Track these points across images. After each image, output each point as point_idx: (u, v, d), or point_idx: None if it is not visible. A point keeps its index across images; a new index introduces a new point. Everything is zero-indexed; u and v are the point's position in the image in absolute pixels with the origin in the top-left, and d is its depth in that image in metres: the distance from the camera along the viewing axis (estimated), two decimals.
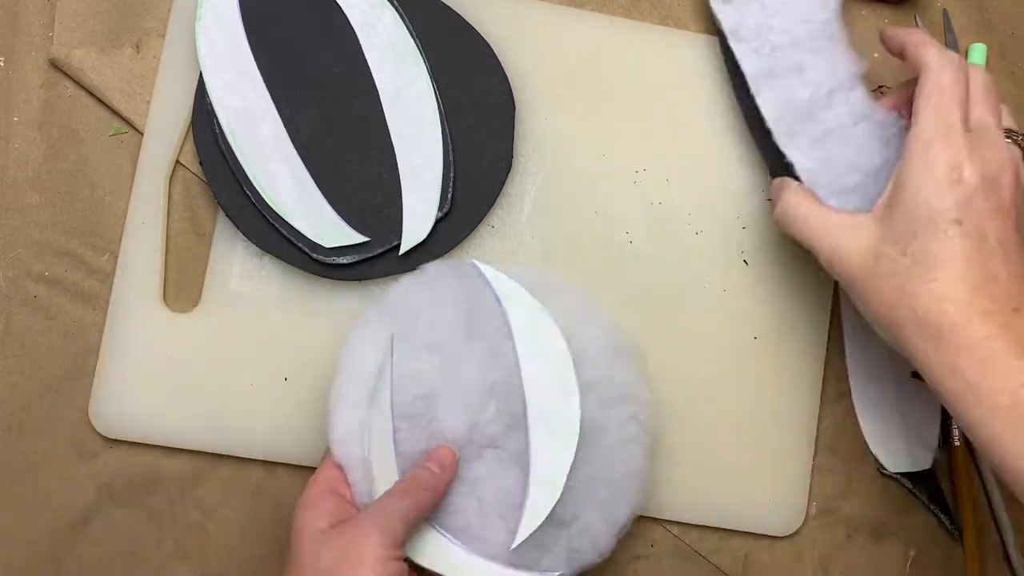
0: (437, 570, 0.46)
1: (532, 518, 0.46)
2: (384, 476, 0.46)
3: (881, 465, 0.53)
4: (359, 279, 0.51)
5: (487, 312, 0.48)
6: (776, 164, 0.50)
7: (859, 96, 0.49)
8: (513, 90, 0.52)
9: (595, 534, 0.47)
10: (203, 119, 0.51)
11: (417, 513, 0.43)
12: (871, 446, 0.53)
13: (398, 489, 0.44)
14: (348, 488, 0.45)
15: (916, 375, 0.53)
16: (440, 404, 0.47)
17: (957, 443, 0.53)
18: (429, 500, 0.44)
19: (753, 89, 0.50)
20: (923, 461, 0.53)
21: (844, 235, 0.44)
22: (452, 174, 0.51)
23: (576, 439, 0.47)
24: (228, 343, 0.51)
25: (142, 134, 0.52)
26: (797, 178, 0.48)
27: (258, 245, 0.50)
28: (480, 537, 0.46)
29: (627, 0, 0.54)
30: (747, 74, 0.50)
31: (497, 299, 0.48)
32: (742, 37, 0.51)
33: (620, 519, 0.48)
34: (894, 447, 0.53)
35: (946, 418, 0.54)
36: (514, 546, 0.46)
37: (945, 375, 0.40)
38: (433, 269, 0.49)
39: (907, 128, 0.44)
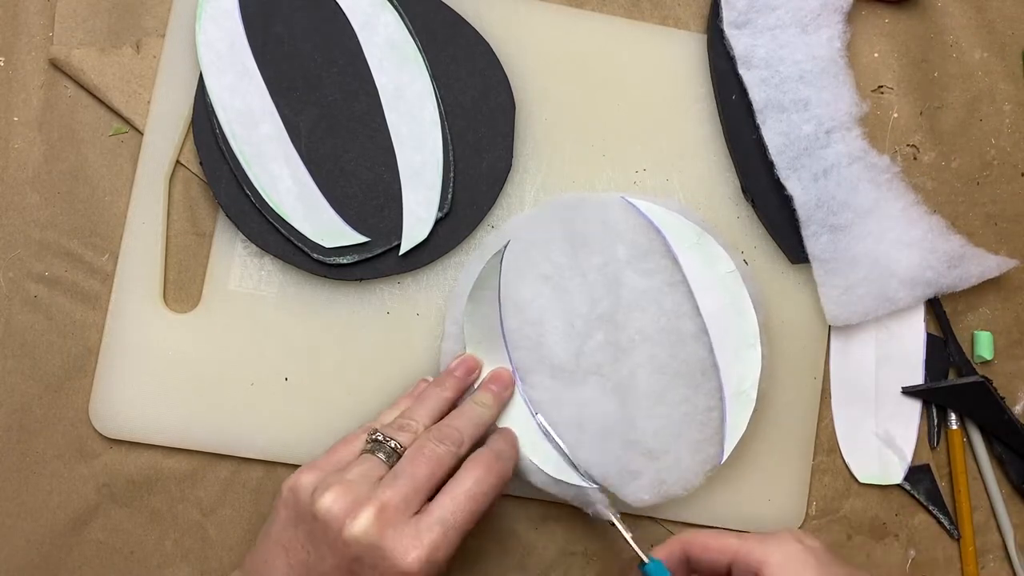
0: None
1: (733, 431, 0.50)
2: None
3: (852, 474, 0.53)
4: (359, 279, 0.51)
5: (598, 246, 0.50)
6: (765, 192, 0.52)
7: (856, 137, 0.52)
8: (513, 90, 0.52)
9: (684, 469, 0.50)
10: (203, 119, 0.51)
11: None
12: (844, 455, 0.53)
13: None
14: None
15: (907, 391, 0.53)
16: (548, 330, 0.50)
17: (955, 427, 0.54)
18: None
19: (759, 119, 0.52)
20: (894, 476, 0.53)
21: None
22: (452, 174, 0.51)
23: (759, 347, 0.50)
24: (228, 343, 0.51)
25: (142, 134, 0.52)
26: (793, 211, 0.51)
27: (258, 245, 0.50)
28: (573, 454, 0.49)
29: (627, 0, 0.54)
30: (755, 103, 0.52)
31: (656, 228, 0.51)
32: (753, 65, 0.52)
33: (711, 459, 0.50)
34: (866, 459, 0.53)
35: (941, 414, 0.54)
36: (722, 462, 0.50)
37: None
38: (546, 207, 0.52)
39: (899, 175, 0.47)
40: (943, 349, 0.54)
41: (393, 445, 0.44)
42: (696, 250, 0.51)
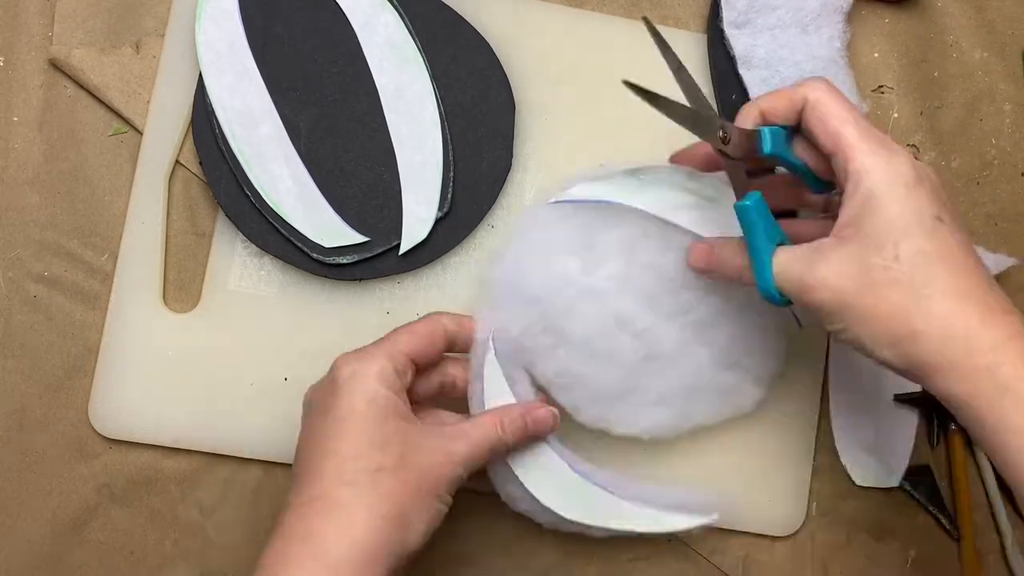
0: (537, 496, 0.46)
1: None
2: None
3: (850, 478, 0.53)
4: (359, 279, 0.51)
5: (597, 248, 0.48)
6: None
7: None
8: (513, 90, 0.52)
9: (757, 377, 0.50)
10: (203, 119, 0.51)
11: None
12: (842, 459, 0.53)
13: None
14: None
15: (899, 398, 0.53)
16: (585, 370, 0.47)
17: (955, 428, 0.53)
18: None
19: None
20: (892, 479, 0.53)
21: (816, 263, 0.40)
22: (452, 174, 0.51)
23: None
24: (228, 343, 0.51)
25: (142, 134, 0.52)
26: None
27: (258, 245, 0.50)
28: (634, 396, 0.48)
29: (627, 0, 0.54)
30: None
31: (606, 202, 0.48)
32: (753, 65, 0.52)
33: (773, 368, 0.51)
34: (864, 462, 0.53)
35: (939, 416, 0.54)
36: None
37: (967, 378, 0.38)
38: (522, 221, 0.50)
39: None
40: None
41: None
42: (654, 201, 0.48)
